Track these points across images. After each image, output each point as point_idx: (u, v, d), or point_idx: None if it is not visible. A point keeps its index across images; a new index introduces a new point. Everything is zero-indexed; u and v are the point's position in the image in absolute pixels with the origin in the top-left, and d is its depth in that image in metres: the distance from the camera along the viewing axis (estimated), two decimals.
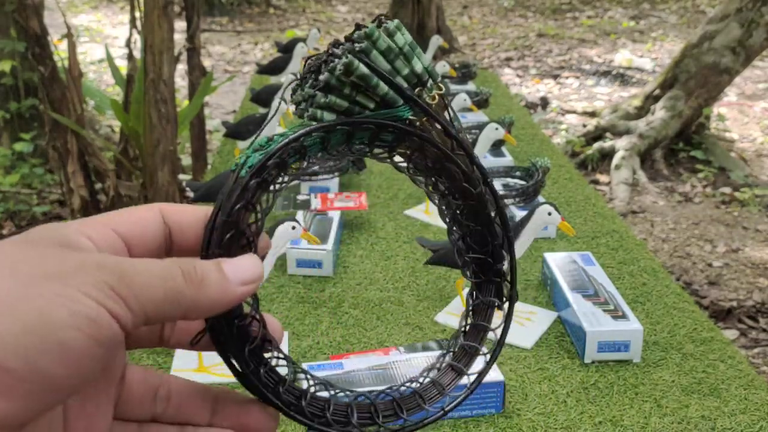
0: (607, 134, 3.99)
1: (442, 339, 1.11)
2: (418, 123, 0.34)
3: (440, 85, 0.35)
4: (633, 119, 3.99)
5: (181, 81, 4.47)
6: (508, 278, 0.37)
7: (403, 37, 0.33)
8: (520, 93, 5.06)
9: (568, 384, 1.02)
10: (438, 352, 1.00)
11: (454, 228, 0.37)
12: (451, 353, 0.38)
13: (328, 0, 8.75)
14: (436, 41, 2.34)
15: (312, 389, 0.35)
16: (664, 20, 7.35)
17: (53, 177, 3.44)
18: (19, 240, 0.29)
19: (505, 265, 0.37)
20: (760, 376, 1.05)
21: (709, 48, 3.79)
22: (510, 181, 1.58)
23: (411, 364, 0.97)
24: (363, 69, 0.32)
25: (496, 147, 1.78)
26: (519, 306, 1.21)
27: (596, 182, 3.65)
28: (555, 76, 5.56)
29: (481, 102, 2.02)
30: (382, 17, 0.34)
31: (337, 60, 0.33)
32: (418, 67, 0.34)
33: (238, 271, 0.30)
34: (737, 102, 4.84)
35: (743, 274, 2.77)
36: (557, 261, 1.24)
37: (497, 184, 1.55)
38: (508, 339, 1.11)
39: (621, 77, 5.47)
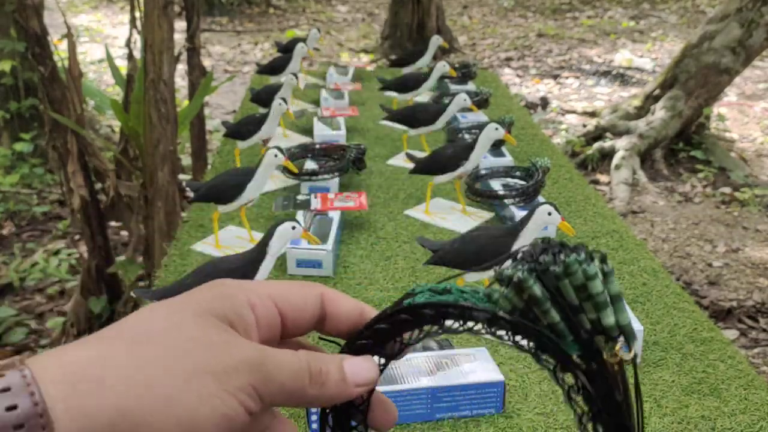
0: (607, 134, 3.99)
1: (442, 339, 1.11)
2: (583, 366, 0.33)
3: (628, 350, 0.33)
4: (633, 119, 3.99)
5: (181, 81, 4.46)
6: None
7: (604, 286, 0.32)
8: (520, 93, 5.06)
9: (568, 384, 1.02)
10: (438, 353, 1.00)
11: None
12: None
13: (328, 0, 8.75)
14: (436, 41, 2.34)
15: None
16: (664, 20, 7.36)
17: (53, 177, 3.44)
18: (196, 305, 0.33)
19: None
20: (760, 376, 1.05)
21: (709, 48, 3.80)
22: (510, 181, 1.58)
23: (411, 364, 0.97)
24: (536, 291, 0.32)
25: (496, 147, 1.78)
26: None
27: (596, 182, 3.65)
28: (555, 76, 5.56)
29: (481, 102, 2.02)
30: (597, 254, 0.32)
31: (529, 265, 0.33)
32: (608, 320, 0.32)
33: (356, 373, 0.35)
34: (737, 102, 4.84)
35: (743, 274, 2.77)
36: None
37: (497, 184, 1.55)
38: None
39: (621, 77, 5.47)
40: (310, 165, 1.66)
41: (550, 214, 1.12)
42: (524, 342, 0.33)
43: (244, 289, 0.35)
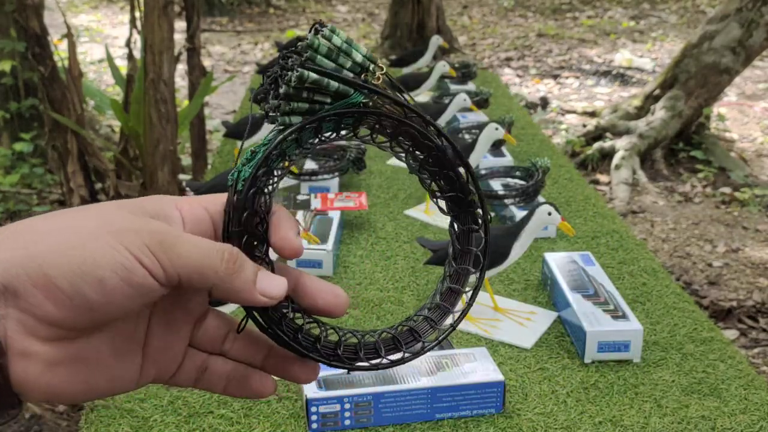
0: (607, 134, 3.99)
1: None
2: (370, 102, 0.39)
3: (380, 65, 0.39)
4: (633, 119, 3.99)
5: (181, 81, 4.47)
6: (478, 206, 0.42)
7: (339, 37, 0.38)
8: (520, 93, 5.06)
9: (568, 384, 1.02)
10: (438, 353, 1.00)
11: (425, 175, 0.42)
12: (439, 294, 0.43)
13: (328, 0, 8.75)
14: (436, 41, 2.34)
15: (323, 334, 0.42)
16: (664, 20, 7.35)
17: (53, 177, 3.44)
18: (124, 203, 0.38)
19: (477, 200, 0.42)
20: (760, 376, 1.05)
21: (709, 48, 3.80)
22: (510, 181, 1.58)
23: (411, 364, 0.98)
24: (313, 75, 0.37)
25: (496, 147, 1.78)
26: (519, 306, 1.21)
27: (596, 182, 3.65)
28: (555, 76, 5.56)
29: (481, 102, 2.02)
30: (318, 26, 0.39)
31: (290, 73, 0.38)
32: (358, 57, 0.39)
33: (265, 283, 0.38)
34: (737, 102, 4.84)
35: (743, 274, 2.77)
36: (557, 261, 1.24)
37: (497, 184, 1.55)
38: (509, 339, 1.12)
39: (621, 77, 5.47)
40: (310, 165, 1.66)
41: (550, 214, 1.12)
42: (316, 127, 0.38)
43: (177, 198, 0.39)
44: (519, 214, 1.42)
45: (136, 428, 0.94)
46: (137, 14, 2.55)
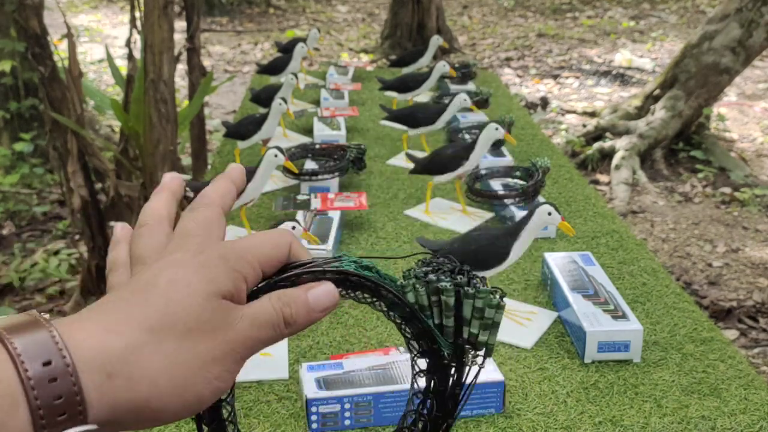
0: (607, 134, 3.99)
1: None
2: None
3: (482, 360, 0.43)
4: (633, 119, 3.99)
5: (181, 81, 4.47)
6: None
7: (494, 314, 0.42)
8: (520, 93, 5.06)
9: (568, 384, 1.02)
10: None
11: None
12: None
13: (328, 0, 8.75)
14: (436, 41, 2.34)
15: None
16: (664, 20, 7.36)
17: (53, 177, 3.44)
18: (205, 284, 0.38)
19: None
20: (760, 376, 1.05)
21: (709, 48, 3.80)
22: (510, 181, 1.58)
23: (410, 364, 0.97)
24: (450, 301, 0.42)
25: (496, 147, 1.78)
26: (519, 306, 1.21)
27: (596, 182, 3.65)
28: (555, 76, 5.56)
29: (481, 102, 2.02)
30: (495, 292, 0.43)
31: (452, 279, 0.43)
32: (483, 338, 0.43)
33: (320, 300, 0.41)
34: (737, 102, 4.84)
35: (743, 274, 2.77)
36: (557, 261, 1.24)
37: (497, 184, 1.55)
38: (509, 339, 1.12)
39: (621, 77, 5.48)
40: (310, 165, 1.66)
41: (550, 214, 1.12)
42: (406, 329, 0.42)
43: (240, 259, 0.40)
44: (519, 214, 1.42)
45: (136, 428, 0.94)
46: (137, 14, 2.55)
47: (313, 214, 1.40)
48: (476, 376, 0.42)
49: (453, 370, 0.42)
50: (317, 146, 1.71)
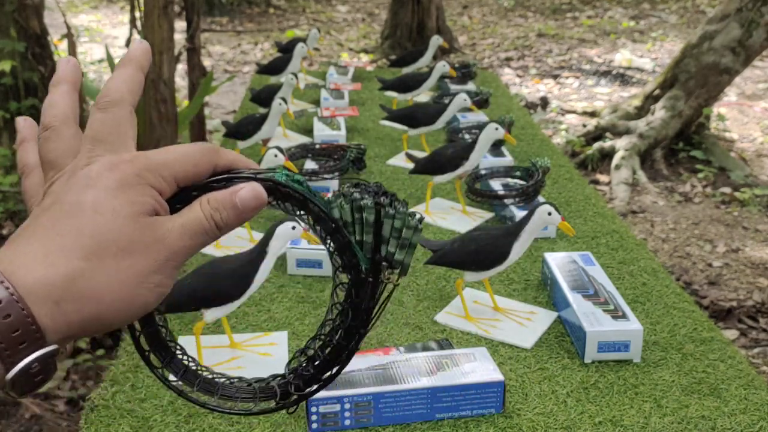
0: (607, 134, 3.99)
1: (442, 339, 1.11)
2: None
3: (397, 277, 0.45)
4: (633, 119, 3.99)
5: (181, 81, 4.47)
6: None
7: (411, 235, 0.44)
8: (520, 93, 5.06)
9: (568, 384, 1.02)
10: (438, 353, 1.00)
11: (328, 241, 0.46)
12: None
13: (328, 0, 8.75)
14: (436, 41, 2.34)
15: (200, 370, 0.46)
16: (664, 20, 7.36)
17: None
18: (128, 206, 0.39)
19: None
20: (760, 376, 1.05)
21: (709, 48, 3.80)
22: (510, 181, 1.58)
23: (411, 364, 0.97)
24: (370, 218, 0.43)
25: (496, 147, 1.78)
26: (519, 306, 1.21)
27: (596, 182, 3.65)
28: (555, 76, 5.56)
29: (481, 102, 2.02)
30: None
31: (374, 198, 0.44)
32: (399, 256, 0.44)
33: (247, 202, 0.41)
34: (737, 102, 4.84)
35: (743, 274, 2.77)
36: (557, 261, 1.24)
37: (497, 184, 1.55)
38: (509, 339, 1.12)
39: (621, 77, 5.47)
40: (310, 165, 1.66)
41: (550, 214, 1.12)
42: (329, 241, 0.44)
43: (157, 176, 0.40)
44: (519, 214, 1.42)
45: (136, 428, 0.94)
46: (137, 14, 2.55)
47: None
48: (390, 293, 0.44)
49: (369, 284, 0.44)
50: (317, 146, 1.71)
